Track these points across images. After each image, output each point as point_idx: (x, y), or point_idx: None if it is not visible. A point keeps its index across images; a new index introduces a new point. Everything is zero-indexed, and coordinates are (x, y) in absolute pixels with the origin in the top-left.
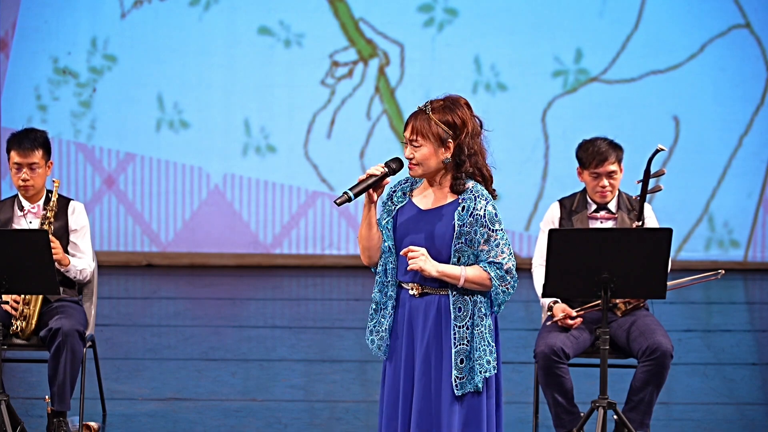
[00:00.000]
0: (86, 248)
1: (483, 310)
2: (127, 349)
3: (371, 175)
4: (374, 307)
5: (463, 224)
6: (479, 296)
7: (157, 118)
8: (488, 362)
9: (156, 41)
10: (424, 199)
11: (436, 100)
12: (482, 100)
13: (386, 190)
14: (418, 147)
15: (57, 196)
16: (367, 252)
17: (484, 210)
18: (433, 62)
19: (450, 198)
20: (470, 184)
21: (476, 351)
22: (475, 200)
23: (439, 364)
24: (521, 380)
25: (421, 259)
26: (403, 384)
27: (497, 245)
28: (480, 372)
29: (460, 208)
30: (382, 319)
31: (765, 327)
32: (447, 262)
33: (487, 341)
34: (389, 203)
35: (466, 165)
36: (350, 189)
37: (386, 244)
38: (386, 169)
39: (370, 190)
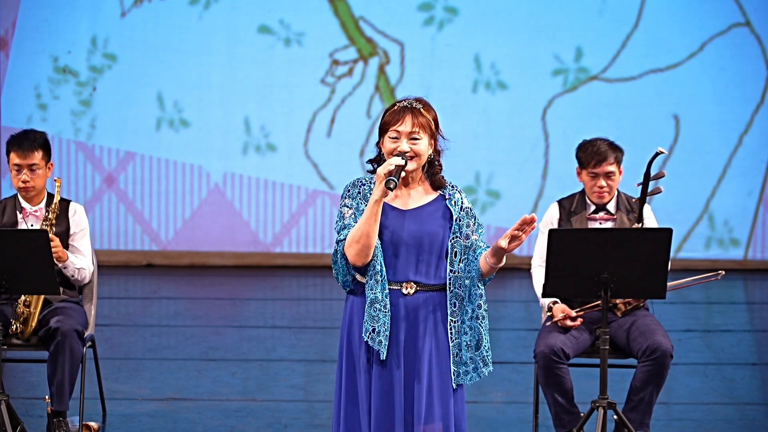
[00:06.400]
0: (86, 250)
1: (484, 303)
2: (127, 349)
3: (398, 165)
4: (378, 306)
5: (458, 218)
6: (480, 290)
7: (157, 117)
8: (485, 364)
9: (156, 40)
10: (399, 199)
11: (414, 98)
12: (482, 99)
13: (354, 187)
14: (418, 140)
15: (59, 197)
16: (367, 250)
17: (469, 203)
18: (433, 61)
19: (430, 195)
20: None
21: (481, 345)
22: (460, 194)
23: (438, 358)
24: (521, 380)
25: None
26: (401, 380)
27: (481, 233)
28: (482, 366)
29: (451, 203)
30: (384, 318)
31: (765, 327)
32: (440, 258)
33: (488, 340)
34: (360, 201)
35: (437, 162)
36: (392, 178)
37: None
38: (403, 162)
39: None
